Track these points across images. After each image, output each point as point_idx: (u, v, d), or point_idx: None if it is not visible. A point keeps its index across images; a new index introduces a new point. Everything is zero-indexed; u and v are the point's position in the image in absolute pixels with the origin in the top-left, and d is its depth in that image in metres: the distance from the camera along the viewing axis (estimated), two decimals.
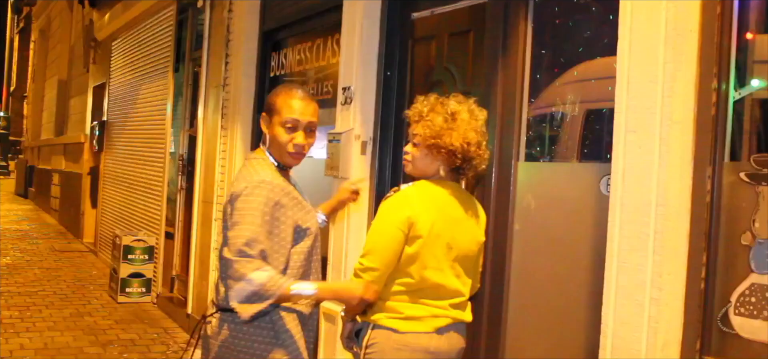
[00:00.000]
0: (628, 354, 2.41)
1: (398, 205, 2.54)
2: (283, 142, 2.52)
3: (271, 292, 2.30)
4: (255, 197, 2.40)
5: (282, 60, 5.42)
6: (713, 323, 2.37)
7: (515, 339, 3.17)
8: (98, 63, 11.10)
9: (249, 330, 2.47)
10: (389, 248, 2.50)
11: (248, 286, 2.29)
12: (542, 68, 3.23)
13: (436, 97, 2.65)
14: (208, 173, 6.13)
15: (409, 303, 2.54)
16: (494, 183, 3.25)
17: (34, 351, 5.43)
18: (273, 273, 2.33)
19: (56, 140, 14.30)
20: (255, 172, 2.49)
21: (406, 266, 2.52)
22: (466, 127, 2.56)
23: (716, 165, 2.37)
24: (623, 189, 2.45)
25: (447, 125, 2.54)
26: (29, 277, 8.21)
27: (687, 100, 2.36)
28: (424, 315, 2.54)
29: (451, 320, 2.59)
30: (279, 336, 2.49)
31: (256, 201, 2.40)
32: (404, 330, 2.52)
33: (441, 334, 2.56)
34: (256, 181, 2.44)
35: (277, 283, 2.31)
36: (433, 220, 2.52)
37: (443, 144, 2.53)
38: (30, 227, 12.74)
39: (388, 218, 2.53)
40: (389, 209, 2.55)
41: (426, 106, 2.61)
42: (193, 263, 6.35)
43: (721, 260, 2.36)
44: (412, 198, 2.55)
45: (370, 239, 2.55)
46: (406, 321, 2.53)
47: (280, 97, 2.55)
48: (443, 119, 2.55)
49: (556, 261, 3.02)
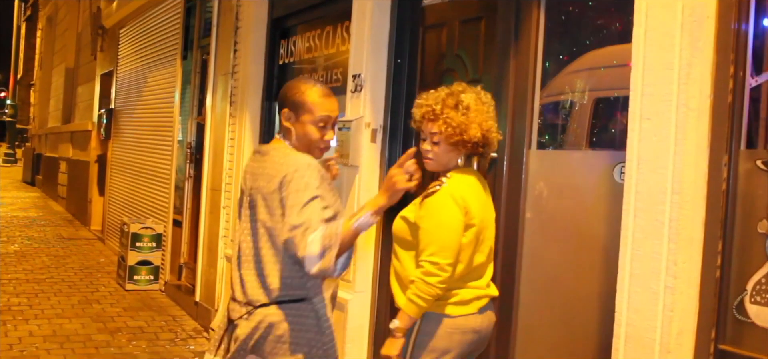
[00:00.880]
0: (643, 343, 2.39)
1: (452, 198, 2.56)
2: (315, 139, 2.58)
3: (333, 241, 2.31)
4: (305, 176, 2.42)
5: (291, 47, 5.40)
6: (729, 312, 2.35)
7: (527, 327, 3.16)
8: (106, 51, 11.09)
9: (293, 316, 2.49)
10: (457, 240, 2.54)
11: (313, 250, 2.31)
12: (554, 56, 3.21)
13: (444, 91, 2.66)
14: (217, 161, 6.13)
15: (460, 288, 2.60)
16: (506, 171, 3.23)
17: (43, 338, 5.45)
18: (325, 225, 2.34)
19: (63, 128, 14.32)
20: (297, 157, 2.51)
21: (460, 253, 2.56)
22: (481, 116, 2.61)
23: (732, 152, 2.35)
24: (638, 177, 2.44)
25: (466, 120, 2.58)
26: (37, 265, 8.23)
27: (703, 86, 2.34)
28: (471, 297, 2.62)
29: (488, 299, 2.69)
30: (321, 324, 2.52)
31: (312, 177, 2.42)
32: (456, 314, 2.60)
33: (482, 313, 2.66)
34: (303, 162, 2.47)
35: (333, 229, 2.33)
36: (480, 207, 2.62)
37: (468, 138, 2.59)
38: (37, 215, 12.77)
39: (447, 212, 2.55)
40: (445, 203, 2.56)
41: (438, 103, 2.63)
42: (201, 251, 6.35)
43: (737, 248, 2.35)
44: (462, 189, 2.59)
45: (437, 236, 2.54)
46: (457, 306, 2.60)
47: (308, 94, 2.57)
48: (461, 114, 2.58)
49: (568, 250, 3.00)
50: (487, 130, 2.61)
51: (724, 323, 2.36)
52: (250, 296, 2.52)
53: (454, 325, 2.59)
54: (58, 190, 14.44)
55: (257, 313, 2.50)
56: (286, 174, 2.43)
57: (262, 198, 2.50)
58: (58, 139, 14.79)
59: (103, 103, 11.06)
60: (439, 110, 2.61)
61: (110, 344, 5.44)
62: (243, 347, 2.54)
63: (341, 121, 4.14)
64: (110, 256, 8.94)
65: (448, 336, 2.59)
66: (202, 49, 6.96)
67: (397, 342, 2.56)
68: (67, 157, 13.53)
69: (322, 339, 2.53)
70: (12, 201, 14.43)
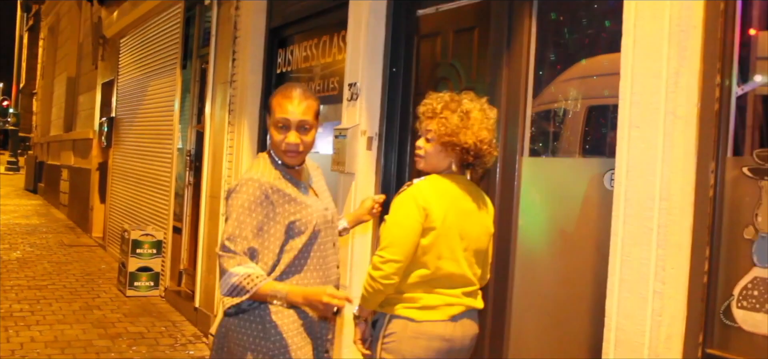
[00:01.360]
0: (632, 348, 2.43)
1: (412, 198, 2.59)
2: (276, 142, 2.57)
3: (248, 288, 2.38)
4: (241, 194, 2.46)
5: (289, 56, 5.44)
6: (716, 316, 2.38)
7: (519, 332, 3.19)
8: (107, 60, 11.15)
9: (240, 324, 2.53)
10: (409, 239, 2.56)
11: (229, 279, 2.39)
12: (546, 64, 3.25)
13: (450, 94, 2.71)
14: (216, 169, 6.17)
15: (425, 293, 2.61)
16: (499, 179, 3.27)
17: (44, 344, 5.49)
18: (251, 271, 2.39)
19: (65, 136, 14.37)
20: (249, 170, 2.57)
21: (421, 257, 2.59)
22: (480, 125, 2.64)
23: (719, 160, 2.38)
24: (627, 184, 2.47)
25: (462, 124, 2.61)
26: (39, 271, 8.27)
27: (690, 95, 2.37)
28: (439, 304, 2.62)
29: (464, 307, 2.67)
30: (266, 330, 2.51)
31: (242, 197, 2.45)
32: (421, 319, 2.60)
33: (455, 321, 2.64)
34: (245, 179, 2.50)
35: (253, 281, 2.38)
36: (446, 211, 2.60)
37: (458, 142, 2.62)
38: (39, 222, 12.82)
39: (404, 211, 2.59)
40: (404, 202, 2.61)
41: (440, 103, 2.67)
42: (200, 257, 6.39)
43: (724, 254, 2.38)
44: (425, 191, 2.61)
45: (389, 232, 2.59)
46: (422, 310, 2.60)
47: (275, 97, 2.60)
48: (458, 117, 2.62)
49: (560, 256, 3.04)
50: (480, 140, 2.63)
51: (711, 327, 2.39)
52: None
53: (420, 330, 2.59)
54: (60, 198, 14.49)
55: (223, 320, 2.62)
56: (230, 187, 2.52)
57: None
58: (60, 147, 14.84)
59: (104, 111, 11.12)
60: (439, 110, 2.65)
61: (111, 349, 5.48)
62: (215, 348, 2.66)
63: (337, 129, 4.18)
64: (111, 263, 8.98)
65: (412, 341, 2.59)
66: (201, 58, 7.00)
67: (357, 329, 2.74)
68: (68, 165, 13.58)
69: (266, 345, 2.51)
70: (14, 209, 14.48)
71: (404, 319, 2.60)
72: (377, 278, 2.56)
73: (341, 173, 4.15)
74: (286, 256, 2.52)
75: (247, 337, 2.52)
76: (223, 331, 2.61)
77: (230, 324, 2.56)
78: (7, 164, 26.25)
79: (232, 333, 2.55)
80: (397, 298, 2.62)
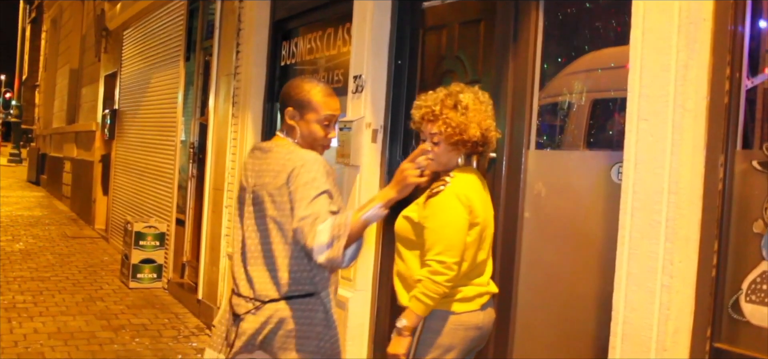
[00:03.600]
0: (639, 341, 2.42)
1: (456, 197, 2.59)
2: (319, 137, 2.64)
3: (341, 232, 2.34)
4: (318, 168, 2.48)
5: (293, 49, 5.43)
6: (724, 310, 2.37)
7: (525, 325, 3.18)
8: (110, 52, 11.13)
9: (304, 314, 2.54)
10: (462, 240, 2.56)
11: (322, 238, 2.34)
12: (552, 58, 3.23)
13: (443, 91, 2.69)
14: (219, 161, 6.16)
15: (464, 286, 2.63)
16: (505, 171, 3.26)
17: (47, 335, 5.48)
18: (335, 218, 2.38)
19: (68, 128, 14.37)
20: (303, 152, 2.56)
21: (464, 252, 2.58)
22: (480, 115, 2.64)
23: (728, 153, 2.37)
24: (635, 177, 2.46)
25: (465, 119, 2.61)
26: (42, 263, 8.27)
27: (700, 88, 2.36)
28: (474, 295, 2.65)
29: (490, 295, 2.73)
30: (329, 318, 2.59)
31: (319, 172, 2.47)
32: (460, 310, 2.63)
33: (484, 310, 2.69)
34: (311, 158, 2.52)
35: (344, 221, 2.36)
36: (481, 206, 2.64)
37: (468, 137, 2.62)
38: (42, 214, 12.82)
39: (454, 212, 2.57)
40: (449, 203, 2.59)
41: (436, 103, 2.66)
42: (203, 249, 6.39)
43: (733, 248, 2.37)
44: (466, 189, 2.62)
45: (443, 235, 2.55)
46: (460, 303, 2.63)
47: (313, 94, 2.63)
48: (460, 114, 2.61)
49: (566, 249, 3.03)
50: (486, 129, 2.65)
51: (719, 321, 2.38)
52: (258, 291, 2.56)
53: (459, 322, 2.63)
54: (63, 190, 14.49)
55: (266, 308, 2.54)
56: (294, 168, 2.48)
57: (269, 194, 2.54)
58: (63, 139, 14.84)
59: (107, 103, 11.10)
60: (439, 111, 2.63)
61: (114, 341, 5.48)
62: (251, 342, 2.57)
63: (342, 122, 4.17)
64: (114, 255, 8.98)
65: (452, 333, 2.62)
66: (205, 50, 6.99)
67: (404, 341, 2.57)
68: (71, 157, 13.58)
69: (329, 333, 2.58)
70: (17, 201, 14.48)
71: (446, 313, 2.62)
72: (442, 282, 2.52)
73: (346, 165, 4.14)
74: None
75: (310, 326, 2.55)
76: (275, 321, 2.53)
77: (286, 312, 2.53)
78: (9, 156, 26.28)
79: (291, 321, 2.53)
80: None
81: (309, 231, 2.36)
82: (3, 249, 8.87)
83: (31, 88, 23.82)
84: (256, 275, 2.57)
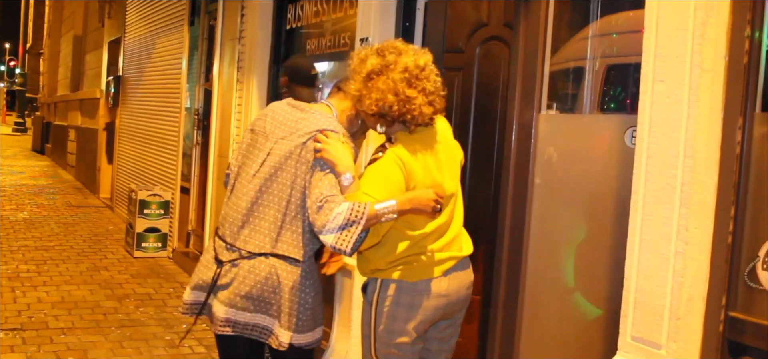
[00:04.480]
0: (652, 309, 2.36)
1: (393, 161, 2.46)
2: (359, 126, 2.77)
3: (357, 218, 2.35)
4: (347, 149, 2.54)
5: (299, 12, 5.33)
6: (740, 278, 2.31)
7: (534, 292, 3.12)
8: (113, 18, 11.05)
9: (306, 272, 2.66)
10: (388, 186, 2.43)
11: (336, 221, 2.36)
12: (564, 20, 3.14)
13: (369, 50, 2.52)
14: (224, 127, 6.10)
15: (416, 253, 2.53)
16: (515, 135, 3.18)
17: (51, 305, 5.47)
18: (352, 203, 2.40)
19: (72, 96, 14.33)
20: (338, 125, 2.63)
21: (410, 217, 2.48)
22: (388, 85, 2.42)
23: (747, 115, 2.29)
24: (650, 140, 2.38)
25: (364, 88, 2.47)
26: (46, 232, 8.27)
27: (718, 47, 2.27)
28: (429, 261, 2.54)
29: (454, 260, 2.61)
30: (316, 282, 2.74)
31: (348, 152, 2.54)
32: (415, 279, 2.53)
33: (448, 275, 2.58)
34: (342, 135, 2.60)
35: (364, 208, 2.37)
36: (422, 170, 2.49)
37: (362, 109, 2.51)
38: (47, 183, 12.82)
39: (387, 168, 2.46)
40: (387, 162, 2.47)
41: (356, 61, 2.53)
42: (208, 218, 6.35)
43: (750, 214, 2.30)
44: (404, 154, 2.46)
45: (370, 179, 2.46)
46: (417, 270, 2.53)
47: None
48: (360, 82, 2.48)
49: (577, 215, 2.96)
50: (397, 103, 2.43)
51: (735, 290, 2.32)
52: (250, 243, 2.61)
53: (414, 289, 2.52)
54: (67, 158, 14.48)
55: (267, 262, 2.59)
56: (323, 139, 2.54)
57: (292, 152, 2.56)
58: (67, 107, 14.81)
59: (111, 70, 11.05)
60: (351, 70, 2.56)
61: (118, 310, 5.46)
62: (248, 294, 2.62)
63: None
64: (118, 224, 8.97)
65: (410, 302, 2.52)
66: (210, 14, 6.90)
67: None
68: (75, 125, 13.55)
69: (317, 296, 2.74)
70: (22, 170, 14.49)
71: (401, 282, 2.52)
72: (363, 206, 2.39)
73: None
74: None
75: (313, 284, 2.70)
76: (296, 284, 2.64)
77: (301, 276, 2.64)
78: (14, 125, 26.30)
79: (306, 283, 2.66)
80: (390, 264, 2.53)
81: (326, 209, 2.38)
82: (7, 218, 8.87)
83: (36, 56, 23.77)
84: (262, 227, 2.60)
